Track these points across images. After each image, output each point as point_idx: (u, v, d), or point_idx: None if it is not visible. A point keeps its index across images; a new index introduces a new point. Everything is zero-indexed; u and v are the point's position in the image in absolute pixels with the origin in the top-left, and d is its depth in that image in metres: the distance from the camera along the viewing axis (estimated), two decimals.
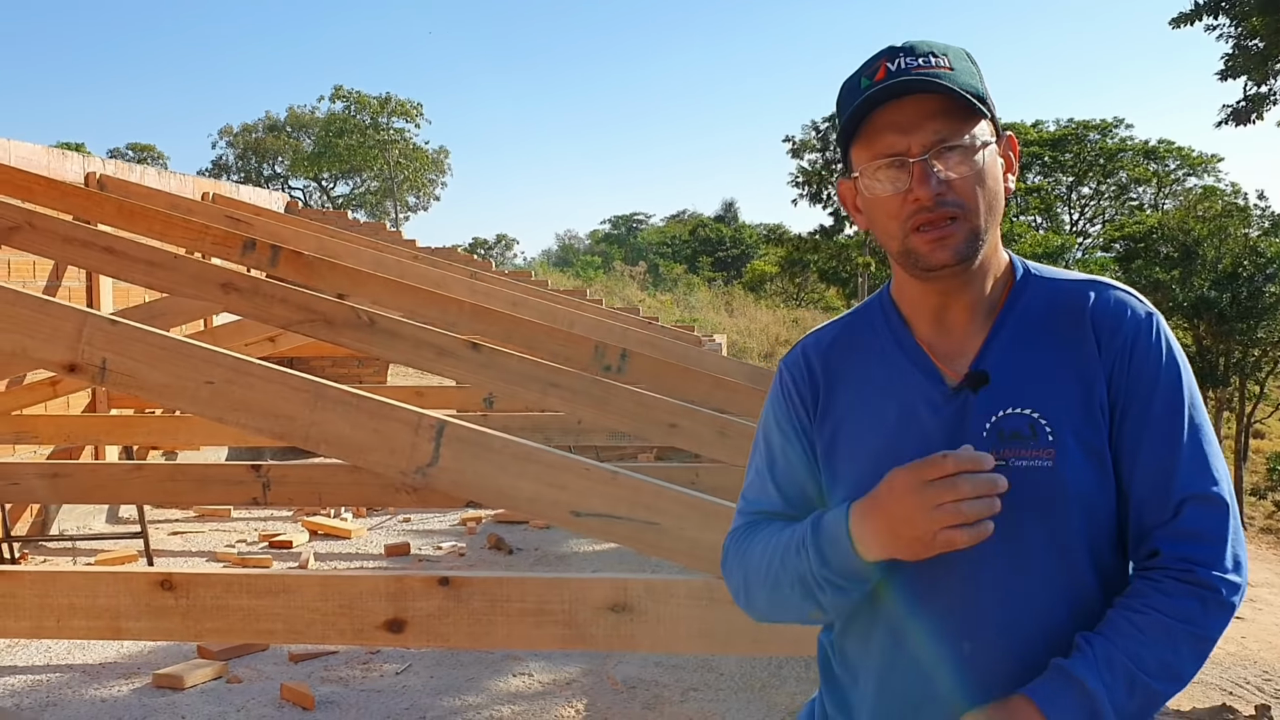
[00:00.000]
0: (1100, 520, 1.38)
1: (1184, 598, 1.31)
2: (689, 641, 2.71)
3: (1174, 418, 1.37)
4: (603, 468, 2.69)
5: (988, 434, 1.36)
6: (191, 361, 2.69)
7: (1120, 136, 39.82)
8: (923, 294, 1.45)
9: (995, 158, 1.40)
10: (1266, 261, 24.67)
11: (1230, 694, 8.77)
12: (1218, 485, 1.35)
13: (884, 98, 1.36)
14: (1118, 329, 1.38)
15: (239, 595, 2.77)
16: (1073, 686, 1.27)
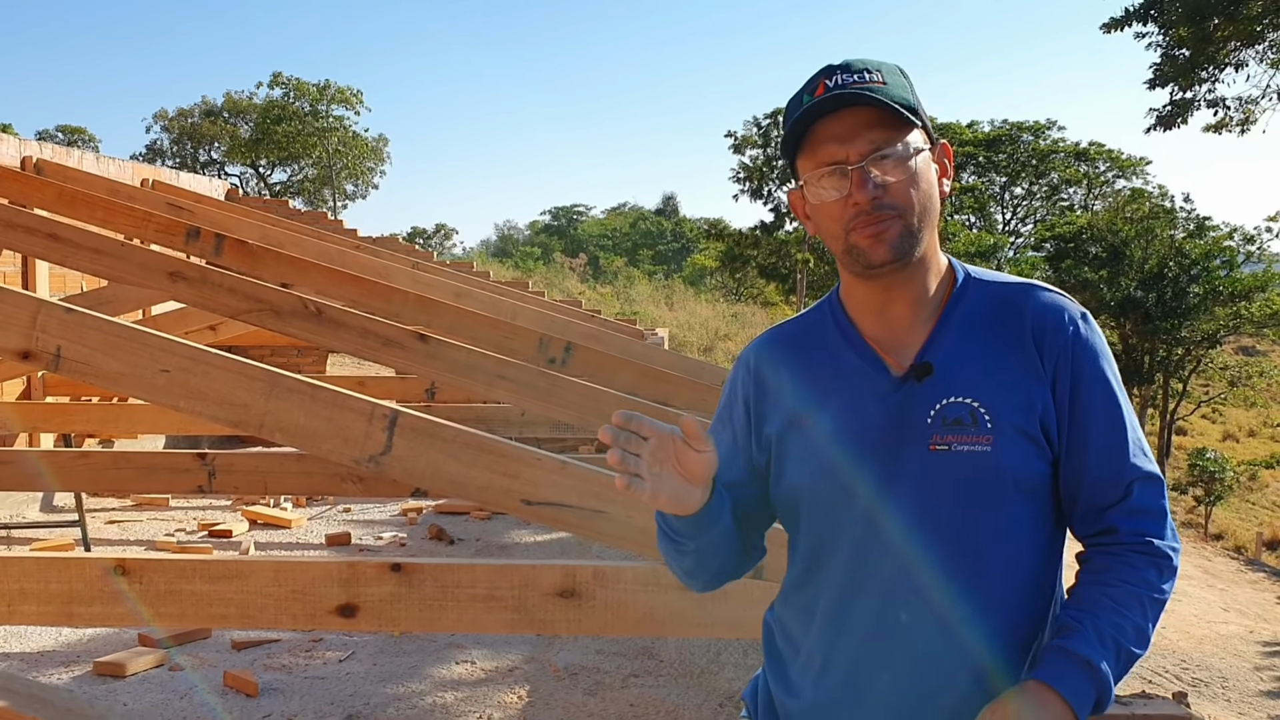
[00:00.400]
0: (1037, 501, 1.51)
1: (1145, 568, 1.47)
2: (635, 625, 2.81)
3: (1114, 408, 1.52)
4: (553, 458, 2.77)
5: (931, 420, 1.49)
6: (147, 350, 2.73)
7: (1052, 138, 40.52)
8: (867, 293, 1.56)
9: (929, 163, 1.52)
10: (1191, 263, 25.34)
11: (1149, 682, 9.05)
12: (1153, 465, 1.53)
13: (823, 111, 1.48)
14: (1059, 329, 1.52)
15: (193, 580, 2.82)
16: (1079, 664, 1.39)
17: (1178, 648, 10.54)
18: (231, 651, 5.09)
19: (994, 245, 27.84)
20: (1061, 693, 1.37)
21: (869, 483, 1.50)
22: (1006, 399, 1.48)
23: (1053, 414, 1.50)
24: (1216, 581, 16.15)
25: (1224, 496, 27.65)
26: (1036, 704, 1.36)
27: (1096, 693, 1.39)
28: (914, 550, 1.48)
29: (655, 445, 1.37)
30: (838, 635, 1.55)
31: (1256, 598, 15.41)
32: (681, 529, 1.50)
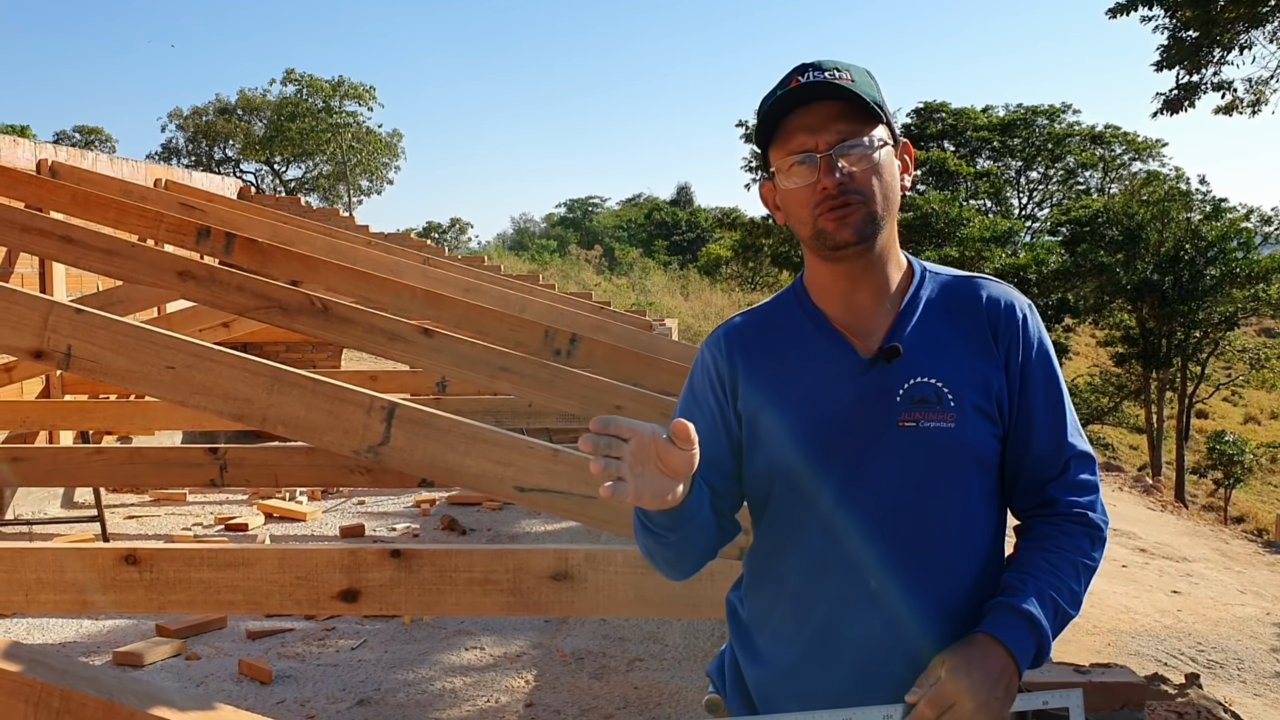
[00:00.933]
0: (990, 476, 1.64)
1: (1079, 537, 1.61)
2: (627, 607, 2.91)
3: (1056, 391, 1.66)
4: (546, 446, 2.87)
5: (900, 399, 1.59)
6: (154, 348, 2.84)
7: (1068, 122, 40.27)
8: (833, 279, 1.66)
9: (892, 158, 1.64)
10: (1207, 245, 25.17)
11: (1164, 665, 9.08)
12: (1087, 445, 1.67)
13: (796, 103, 1.59)
14: (1011, 318, 1.65)
15: (200, 569, 2.93)
16: (1022, 619, 1.53)
17: (1193, 630, 10.56)
18: (246, 641, 5.22)
19: (1009, 230, 27.70)
20: (1006, 644, 1.50)
21: (842, 458, 1.60)
22: (966, 379, 1.60)
23: (1005, 394, 1.62)
24: (1234, 564, 16.09)
25: (1243, 479, 27.55)
26: (983, 654, 1.49)
27: (1037, 646, 1.52)
28: (882, 521, 1.59)
29: (635, 445, 1.41)
30: (809, 604, 1.64)
31: (1274, 580, 15.34)
32: (663, 522, 1.56)
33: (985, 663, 1.48)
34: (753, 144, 32.41)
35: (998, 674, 1.48)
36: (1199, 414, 34.20)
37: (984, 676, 1.46)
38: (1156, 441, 27.09)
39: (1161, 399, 27.16)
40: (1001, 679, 1.48)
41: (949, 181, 34.80)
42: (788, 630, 1.67)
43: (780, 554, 1.69)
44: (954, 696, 1.45)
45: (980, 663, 1.48)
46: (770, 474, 1.66)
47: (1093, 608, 10.54)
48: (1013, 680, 1.49)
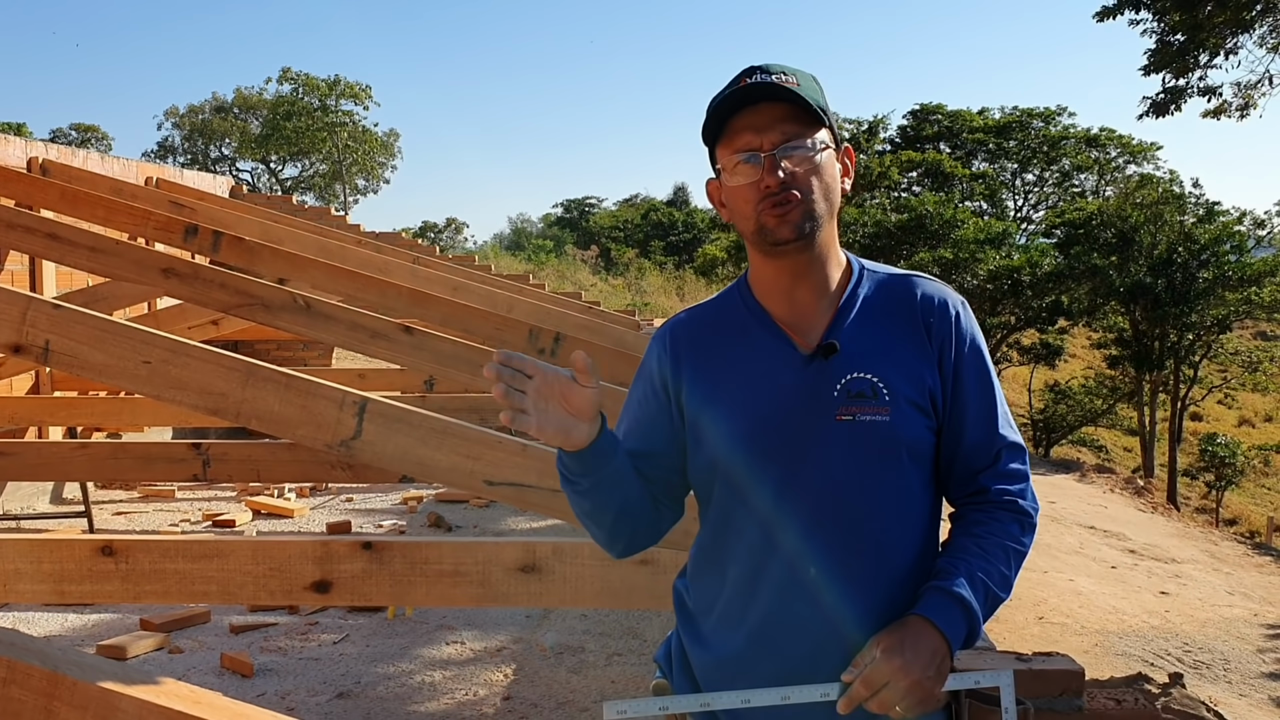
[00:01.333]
0: (925, 467, 1.70)
1: (1010, 523, 1.67)
2: (593, 598, 2.97)
3: (988, 384, 1.72)
4: (514, 440, 2.92)
5: (838, 393, 1.65)
6: (130, 342, 2.89)
7: (1063, 124, 40.37)
8: (775, 275, 1.72)
9: (833, 161, 1.70)
10: (1200, 248, 25.20)
11: (1151, 665, 9.16)
12: (1018, 436, 1.73)
13: (743, 103, 1.65)
14: (944, 315, 1.71)
15: (175, 560, 2.98)
16: (954, 602, 1.58)
17: (1181, 631, 10.63)
18: (229, 635, 5.27)
19: (1003, 232, 27.75)
20: (938, 625, 1.55)
21: (781, 450, 1.66)
22: (901, 374, 1.66)
23: (938, 388, 1.68)
24: (1223, 565, 16.17)
25: (1235, 481, 27.60)
26: (916, 635, 1.55)
27: (968, 627, 1.58)
28: (822, 511, 1.65)
29: (539, 383, 1.52)
30: (753, 591, 1.70)
31: (1263, 581, 15.42)
32: (573, 465, 1.64)
33: (918, 643, 1.53)
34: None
35: (929, 654, 1.53)
36: (1193, 416, 34.23)
37: (916, 656, 1.52)
38: (1149, 444, 27.14)
39: (1154, 401, 27.19)
40: (934, 659, 1.53)
41: (944, 183, 34.90)
42: (732, 617, 1.72)
43: (724, 543, 1.74)
44: (887, 675, 1.51)
45: (913, 643, 1.53)
46: (713, 465, 1.72)
47: (1081, 608, 10.62)
48: (945, 660, 1.55)
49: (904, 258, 25.63)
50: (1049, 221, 32.28)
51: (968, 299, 15.65)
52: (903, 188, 34.48)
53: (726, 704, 1.65)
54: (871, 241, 26.50)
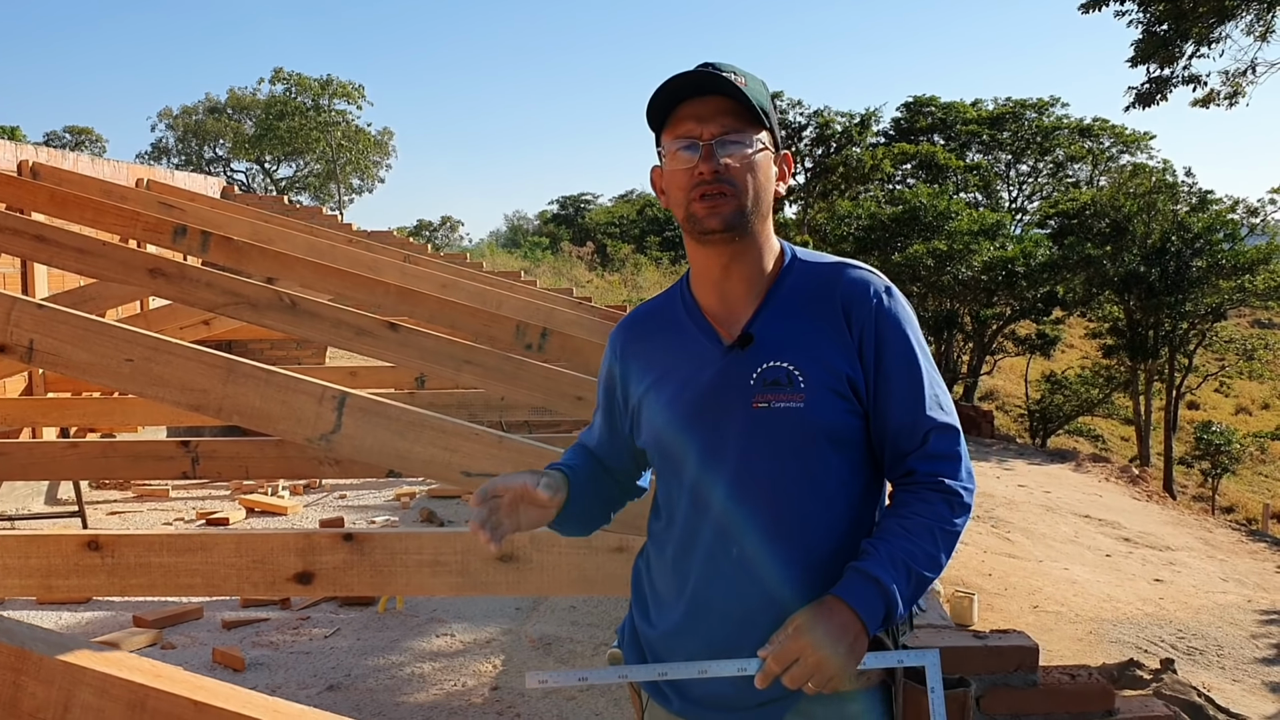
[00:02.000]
0: (849, 452, 1.75)
1: (938, 503, 1.70)
2: (570, 586, 3.03)
3: (914, 367, 1.75)
4: (490, 433, 2.98)
5: (754, 382, 1.73)
6: (113, 341, 2.95)
7: (1056, 115, 40.42)
8: (707, 266, 1.80)
9: (769, 163, 1.77)
10: (1193, 237, 25.24)
11: (1145, 651, 9.21)
12: (950, 416, 1.76)
13: (692, 90, 1.72)
14: (864, 302, 1.76)
15: (160, 553, 3.04)
16: (870, 583, 1.63)
17: (1174, 617, 10.69)
18: (222, 630, 5.33)
19: (997, 223, 27.79)
20: (852, 606, 1.61)
21: (703, 437, 1.75)
22: (817, 362, 1.72)
23: (859, 374, 1.73)
24: (1217, 552, 16.23)
25: (1231, 469, 27.68)
26: (829, 614, 1.61)
27: (885, 608, 1.62)
28: (740, 495, 1.73)
29: (508, 499, 1.71)
30: (685, 571, 1.79)
31: (1256, 567, 15.48)
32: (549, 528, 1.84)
33: (830, 622, 1.60)
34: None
35: (841, 632, 1.59)
36: (1191, 405, 34.33)
37: (827, 635, 1.58)
38: (1145, 433, 27.21)
39: (1149, 390, 27.26)
40: (845, 637, 1.59)
41: (938, 175, 34.96)
42: (670, 595, 1.82)
43: (664, 525, 1.85)
44: (798, 652, 1.58)
45: (825, 622, 1.60)
46: (651, 452, 1.84)
47: (1076, 596, 10.68)
48: (858, 638, 1.60)
49: (898, 250, 25.69)
50: (1043, 212, 32.29)
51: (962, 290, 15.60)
52: (897, 180, 34.56)
53: (642, 677, 1.75)
54: (866, 234, 26.57)
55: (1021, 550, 12.60)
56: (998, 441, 22.79)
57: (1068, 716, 2.21)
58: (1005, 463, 19.02)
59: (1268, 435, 31.70)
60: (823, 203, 30.99)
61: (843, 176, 31.52)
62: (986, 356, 30.18)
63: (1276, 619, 11.25)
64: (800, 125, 32.58)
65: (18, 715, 1.27)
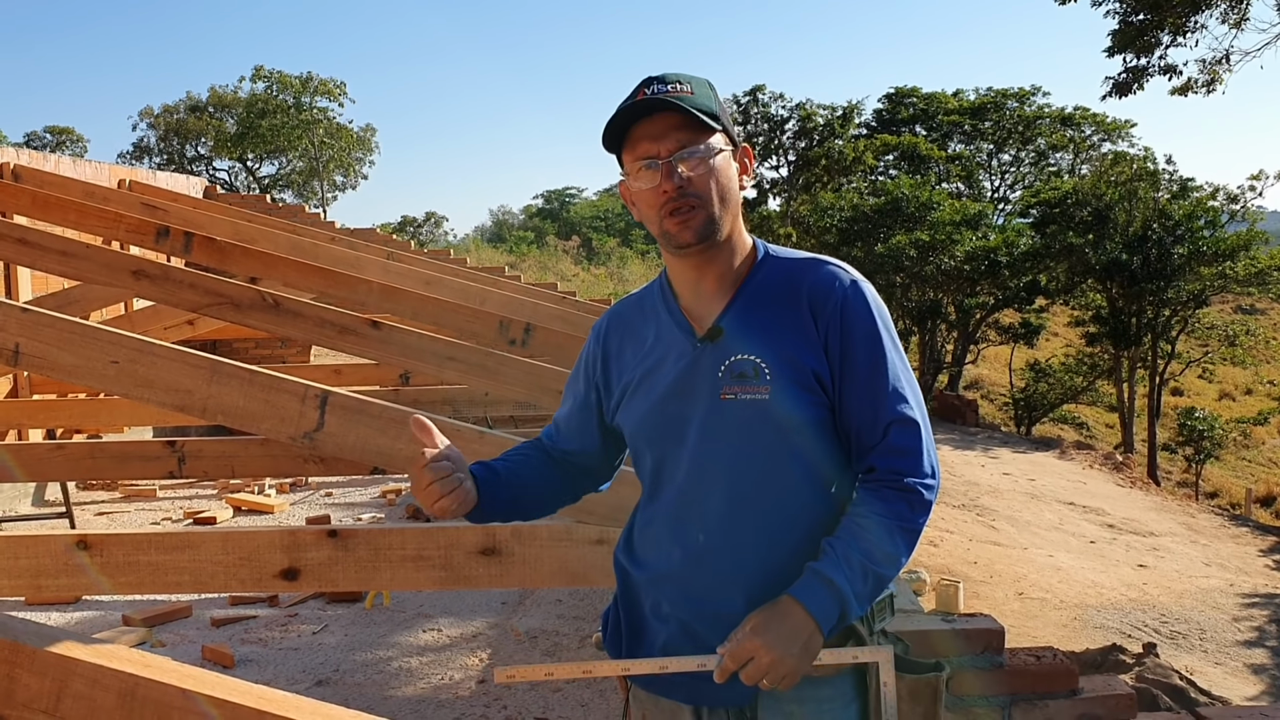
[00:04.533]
0: (814, 443, 1.80)
1: (896, 501, 1.74)
2: (550, 577, 3.09)
3: (878, 361, 1.80)
4: (471, 428, 3.04)
5: (722, 375, 1.79)
6: (98, 343, 2.99)
7: (1038, 104, 40.52)
8: (682, 268, 1.88)
9: (729, 162, 1.83)
10: (1175, 224, 25.35)
11: (1128, 636, 9.33)
12: (912, 410, 1.79)
13: (639, 114, 1.79)
14: (829, 296, 1.81)
15: (148, 552, 3.09)
16: (824, 583, 1.69)
17: (1158, 602, 10.81)
18: (211, 628, 5.37)
19: (979, 213, 27.90)
20: (807, 607, 1.67)
21: (675, 427, 1.82)
22: (784, 356, 1.77)
23: (825, 368, 1.78)
24: (1200, 537, 16.38)
25: (1214, 455, 27.86)
26: (784, 614, 1.67)
27: (839, 608, 1.68)
28: (708, 483, 1.79)
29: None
30: (663, 555, 1.86)
31: (1239, 552, 15.64)
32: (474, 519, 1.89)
33: (785, 623, 1.66)
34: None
35: (795, 634, 1.65)
36: (1175, 391, 34.50)
37: (780, 635, 1.65)
38: (1129, 420, 27.37)
39: (1133, 377, 27.40)
40: (798, 638, 1.65)
41: (921, 166, 35.04)
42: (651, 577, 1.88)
43: (645, 509, 1.92)
44: (753, 652, 1.65)
45: (780, 622, 1.66)
46: (631, 440, 1.91)
47: (1060, 583, 10.79)
48: (812, 638, 1.67)
49: (881, 241, 25.77)
50: (1025, 201, 32.38)
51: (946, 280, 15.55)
52: (879, 172, 34.62)
53: (605, 672, 1.81)
54: (849, 226, 26.65)
55: (1007, 538, 12.70)
56: (983, 430, 22.93)
57: (1034, 696, 2.29)
58: (990, 451, 19.13)
59: (1251, 420, 31.92)
60: (806, 195, 31.02)
61: (825, 169, 31.56)
62: (970, 345, 30.28)
63: (1258, 602, 11.37)
64: (783, 118, 32.60)
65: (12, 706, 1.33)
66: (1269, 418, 32.14)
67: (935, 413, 23.74)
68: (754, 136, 31.21)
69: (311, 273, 6.12)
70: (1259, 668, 8.98)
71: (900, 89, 40.63)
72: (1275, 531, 17.12)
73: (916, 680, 1.75)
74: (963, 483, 15.46)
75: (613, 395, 1.94)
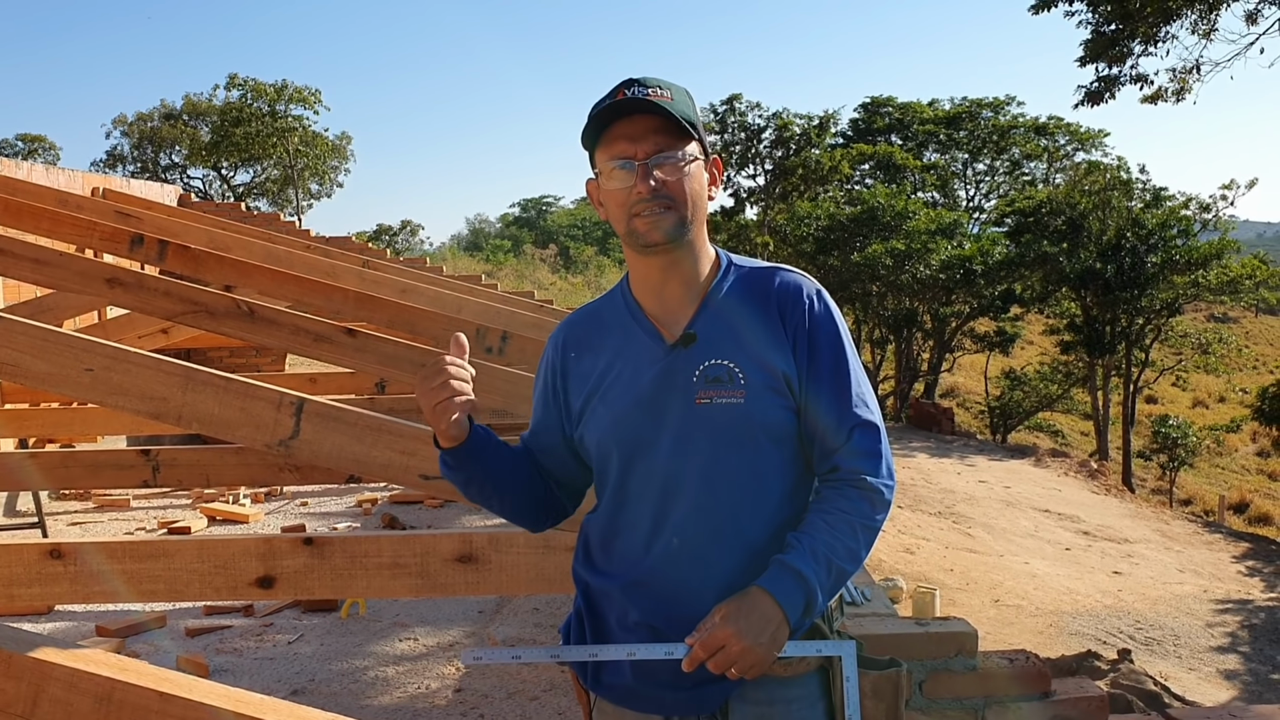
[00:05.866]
0: (786, 446, 1.84)
1: (859, 500, 1.80)
2: (528, 585, 3.09)
3: (841, 366, 1.85)
4: None
5: (696, 379, 1.81)
6: (72, 351, 2.98)
7: (1012, 114, 40.84)
8: (647, 273, 1.89)
9: (701, 171, 1.86)
10: (1148, 233, 25.56)
11: (1103, 643, 9.39)
12: (873, 414, 1.85)
13: (620, 113, 1.80)
14: (797, 304, 1.86)
15: (123, 560, 3.07)
16: (792, 574, 1.72)
17: (1133, 609, 10.89)
18: (186, 638, 5.34)
19: (955, 222, 28.08)
20: (776, 597, 1.70)
21: (649, 433, 1.82)
22: (756, 360, 1.81)
23: (794, 372, 1.82)
24: (1174, 544, 16.50)
25: (1187, 462, 28.09)
26: (753, 604, 1.70)
27: (805, 599, 1.71)
28: (682, 489, 1.81)
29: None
30: (636, 560, 1.86)
31: (1212, 558, 15.76)
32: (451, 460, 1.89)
33: (754, 612, 1.69)
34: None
35: (762, 622, 1.68)
36: (1149, 399, 34.76)
37: (750, 624, 1.68)
38: (1103, 427, 27.56)
39: (1107, 385, 27.61)
40: (767, 627, 1.68)
41: (896, 175, 35.22)
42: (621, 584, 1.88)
43: (614, 521, 1.90)
44: (723, 640, 1.67)
45: (749, 612, 1.69)
46: (597, 450, 1.90)
47: (1036, 590, 10.86)
48: (780, 628, 1.70)
49: (857, 249, 25.89)
50: (1000, 210, 32.63)
51: (921, 289, 15.77)
52: (855, 181, 34.79)
53: (573, 657, 1.83)
54: (825, 234, 26.75)
55: (983, 545, 12.76)
56: (958, 438, 23.02)
57: (1006, 699, 2.31)
58: (966, 459, 19.21)
59: (1223, 428, 32.24)
60: (782, 204, 31.15)
61: (802, 178, 31.70)
62: (946, 354, 30.45)
63: (1231, 608, 11.47)
64: (759, 127, 32.73)
65: None
66: (1241, 425, 32.44)
67: (911, 421, 23.87)
68: (730, 145, 31.31)
69: (287, 281, 6.10)
70: (1232, 673, 9.06)
71: (876, 98, 40.86)
72: (1248, 538, 17.26)
73: (879, 676, 1.78)
74: (939, 490, 15.54)
75: (573, 407, 1.94)
